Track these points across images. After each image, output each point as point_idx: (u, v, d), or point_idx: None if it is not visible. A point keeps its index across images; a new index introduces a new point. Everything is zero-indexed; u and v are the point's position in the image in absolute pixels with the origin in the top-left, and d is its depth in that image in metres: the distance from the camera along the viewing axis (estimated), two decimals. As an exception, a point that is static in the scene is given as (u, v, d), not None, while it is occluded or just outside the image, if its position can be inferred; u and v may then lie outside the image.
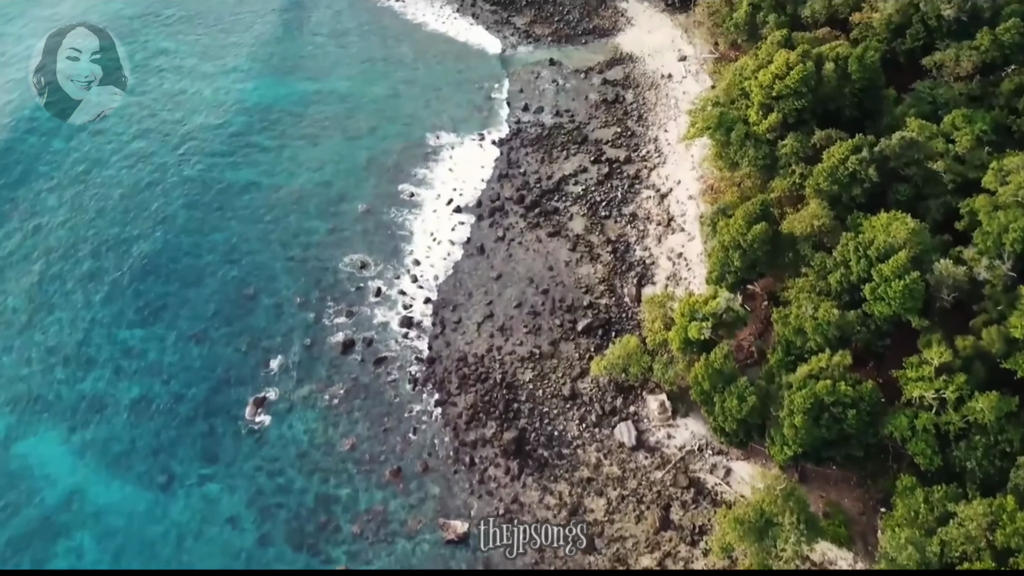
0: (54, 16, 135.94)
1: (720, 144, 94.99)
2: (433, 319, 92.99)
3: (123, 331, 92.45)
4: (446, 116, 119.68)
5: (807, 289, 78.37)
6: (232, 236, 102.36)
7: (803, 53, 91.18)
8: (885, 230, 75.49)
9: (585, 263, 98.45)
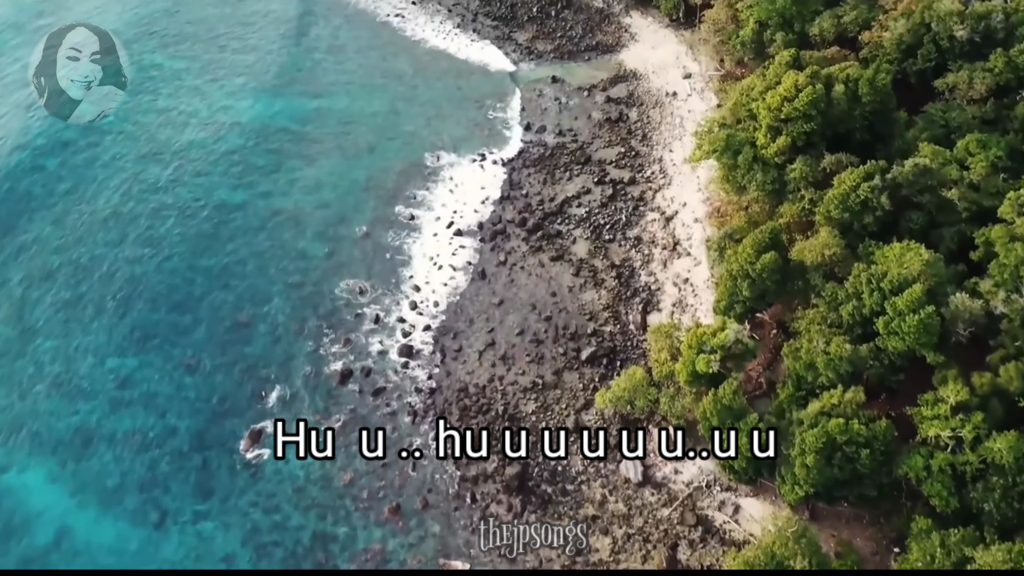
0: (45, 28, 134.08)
1: (727, 167, 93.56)
2: (433, 347, 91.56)
3: (115, 360, 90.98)
4: (446, 135, 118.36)
5: (818, 321, 76.97)
6: (227, 260, 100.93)
7: (812, 74, 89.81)
8: (898, 261, 74.14)
9: (589, 289, 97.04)
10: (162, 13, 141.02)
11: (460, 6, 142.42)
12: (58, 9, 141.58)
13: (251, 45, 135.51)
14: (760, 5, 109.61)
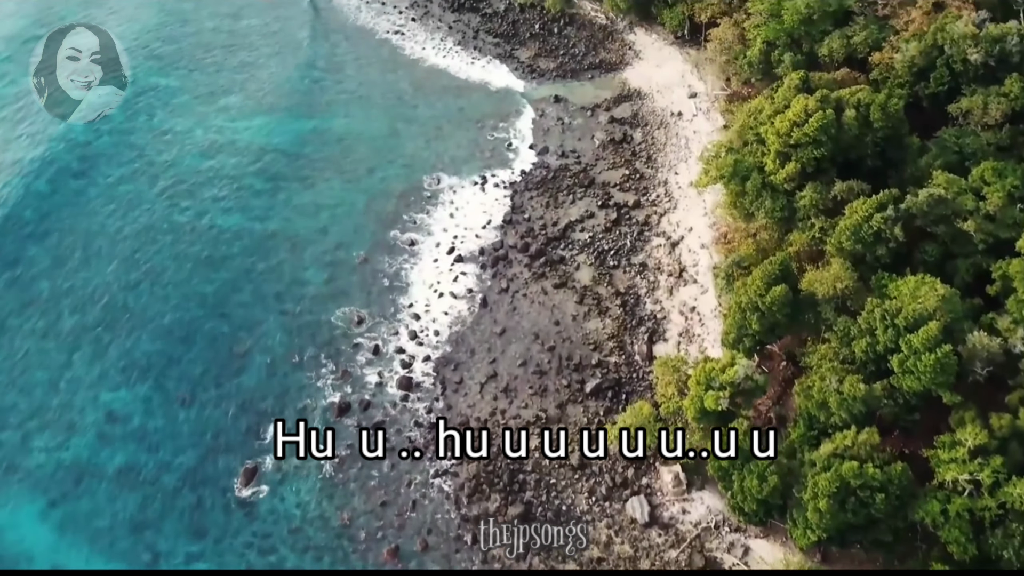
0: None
1: (735, 193, 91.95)
2: (433, 379, 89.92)
3: (106, 393, 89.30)
4: (447, 157, 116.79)
5: (830, 356, 75.37)
6: (223, 288, 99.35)
7: (822, 99, 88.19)
8: (913, 295, 72.44)
9: (593, 317, 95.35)
10: (158, 31, 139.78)
11: (461, 23, 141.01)
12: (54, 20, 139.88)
13: (248, 63, 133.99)
14: (768, 25, 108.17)
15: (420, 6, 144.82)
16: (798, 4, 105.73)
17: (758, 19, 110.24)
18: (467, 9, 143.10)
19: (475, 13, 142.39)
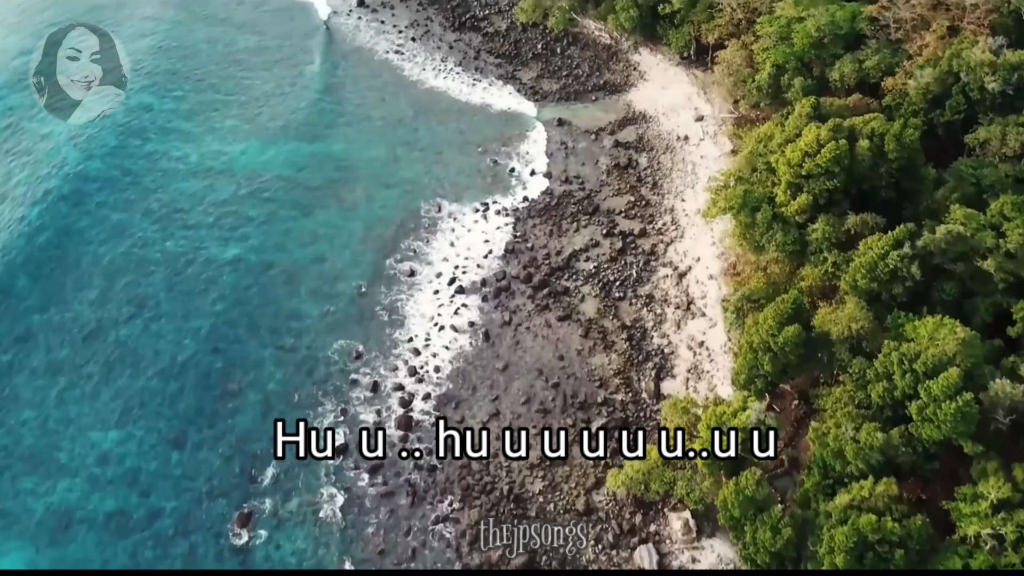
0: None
1: (744, 225, 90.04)
2: (433, 418, 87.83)
3: (97, 433, 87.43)
4: (448, 183, 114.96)
5: (845, 400, 73.50)
6: (217, 321, 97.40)
7: (834, 128, 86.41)
8: (931, 337, 70.60)
9: (599, 352, 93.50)
10: (151, 51, 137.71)
11: (462, 42, 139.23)
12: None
13: (244, 85, 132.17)
14: (777, 48, 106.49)
15: (420, 25, 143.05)
16: (808, 27, 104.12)
17: (767, 42, 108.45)
18: (468, 28, 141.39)
19: (476, 32, 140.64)
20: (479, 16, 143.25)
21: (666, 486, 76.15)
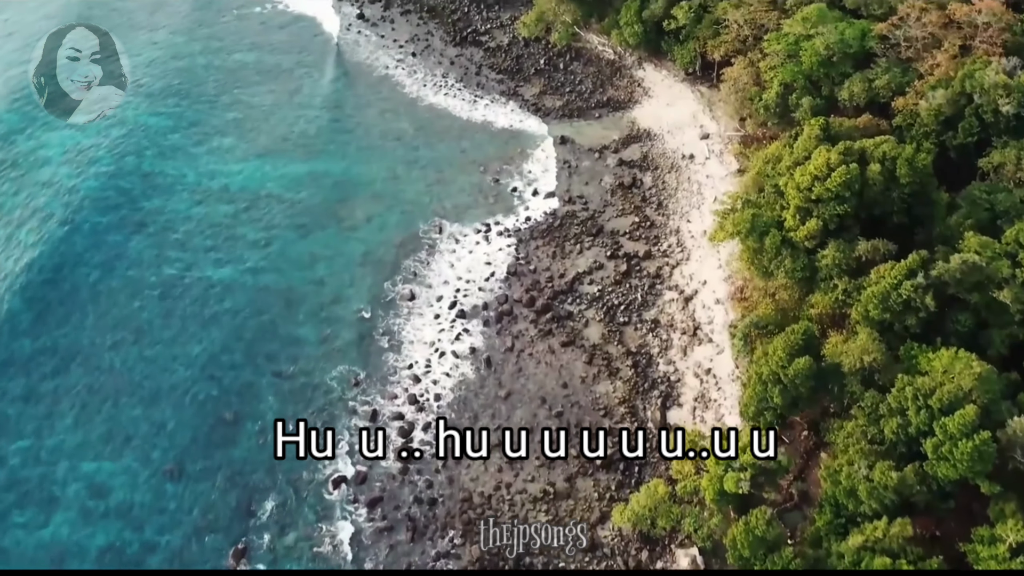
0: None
1: (752, 250, 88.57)
2: (433, 449, 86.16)
3: (89, 464, 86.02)
4: (449, 202, 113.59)
5: (857, 436, 71.99)
6: (213, 347, 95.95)
7: (845, 151, 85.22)
8: (946, 371, 69.18)
9: (603, 379, 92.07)
10: (147, 67, 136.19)
11: (463, 57, 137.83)
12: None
13: (241, 101, 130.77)
14: (785, 66, 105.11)
15: (421, 40, 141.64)
16: (817, 45, 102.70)
17: (774, 60, 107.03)
18: (469, 43, 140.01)
19: (478, 47, 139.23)
20: (481, 30, 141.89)
21: (673, 522, 74.65)
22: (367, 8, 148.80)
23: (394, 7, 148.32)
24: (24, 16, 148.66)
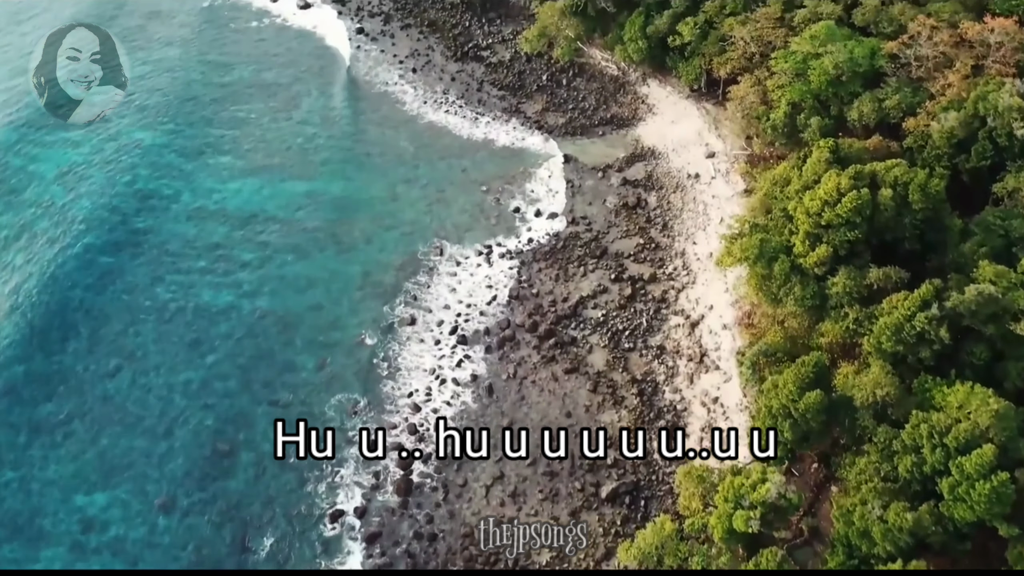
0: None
1: (760, 276, 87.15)
2: (434, 481, 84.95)
3: (81, 496, 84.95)
4: (450, 224, 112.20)
5: (870, 473, 70.54)
6: (208, 374, 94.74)
7: (855, 176, 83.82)
8: (961, 406, 67.87)
9: (608, 408, 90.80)
10: (141, 82, 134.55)
11: (464, 73, 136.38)
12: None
13: (238, 119, 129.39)
14: (793, 86, 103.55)
15: (421, 55, 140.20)
16: (825, 64, 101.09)
17: (782, 78, 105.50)
18: (470, 58, 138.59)
19: (479, 63, 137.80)
20: (482, 45, 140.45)
21: (680, 560, 73.06)
22: (367, 22, 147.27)
23: (394, 21, 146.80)
24: (10, 38, 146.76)
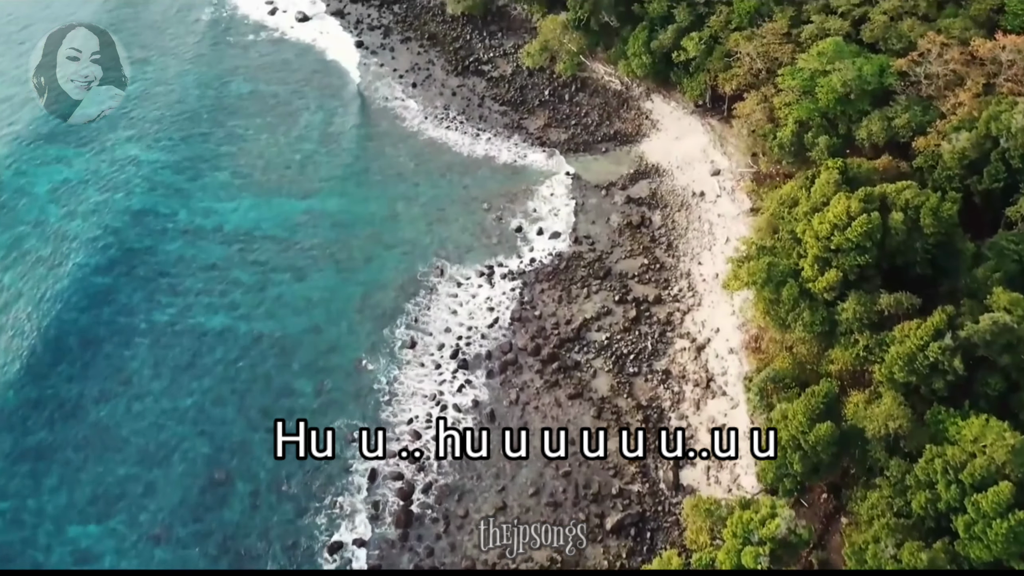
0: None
1: (768, 301, 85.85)
2: (435, 512, 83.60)
3: (75, 527, 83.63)
4: (450, 243, 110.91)
5: (882, 508, 69.15)
6: (204, 400, 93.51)
7: (865, 199, 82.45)
8: (976, 440, 66.54)
9: (613, 435, 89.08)
10: (137, 97, 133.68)
11: (465, 88, 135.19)
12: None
13: (235, 135, 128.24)
14: (800, 104, 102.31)
15: (421, 69, 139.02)
16: (833, 81, 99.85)
17: (789, 96, 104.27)
18: (471, 73, 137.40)
19: (480, 77, 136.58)
20: (483, 59, 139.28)
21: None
22: (366, 35, 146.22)
23: (394, 34, 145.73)
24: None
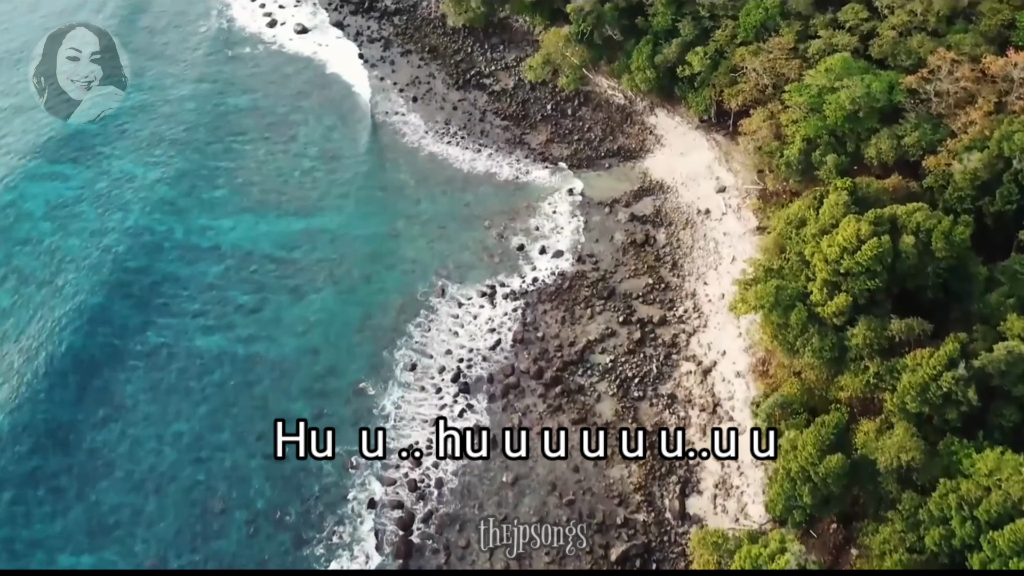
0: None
1: (776, 325, 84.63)
2: (435, 543, 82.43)
3: (68, 557, 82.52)
4: (452, 262, 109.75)
5: (895, 543, 67.86)
6: (200, 426, 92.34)
7: (875, 221, 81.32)
8: (991, 474, 65.28)
9: (617, 462, 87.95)
10: (133, 112, 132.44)
11: (466, 102, 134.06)
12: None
13: (233, 150, 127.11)
14: (808, 121, 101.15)
15: (422, 83, 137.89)
16: (841, 98, 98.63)
17: (796, 113, 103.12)
18: (473, 86, 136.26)
19: (481, 91, 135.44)
20: (484, 72, 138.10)
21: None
22: (365, 48, 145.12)
23: (394, 47, 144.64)
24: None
